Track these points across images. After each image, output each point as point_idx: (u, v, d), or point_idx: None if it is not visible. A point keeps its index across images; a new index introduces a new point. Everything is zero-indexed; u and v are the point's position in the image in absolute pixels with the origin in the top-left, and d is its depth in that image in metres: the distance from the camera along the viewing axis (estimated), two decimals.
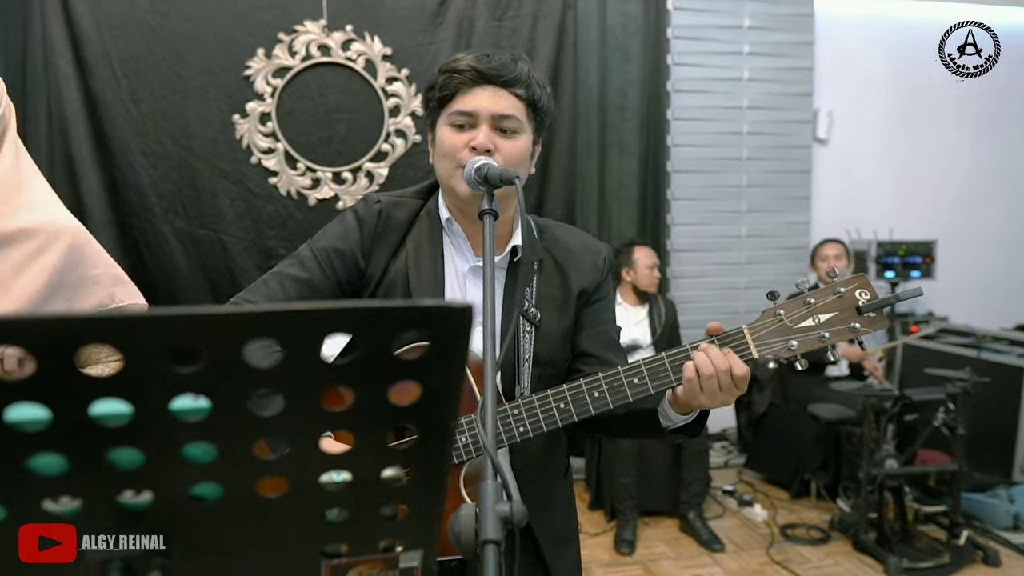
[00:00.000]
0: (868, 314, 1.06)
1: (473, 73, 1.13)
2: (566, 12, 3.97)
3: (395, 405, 0.49)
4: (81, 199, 3.49)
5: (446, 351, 0.46)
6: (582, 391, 1.09)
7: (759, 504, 3.44)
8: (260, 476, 0.51)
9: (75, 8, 3.41)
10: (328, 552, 0.58)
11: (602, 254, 1.29)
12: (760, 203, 4.62)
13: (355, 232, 1.20)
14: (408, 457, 0.53)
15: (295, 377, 0.45)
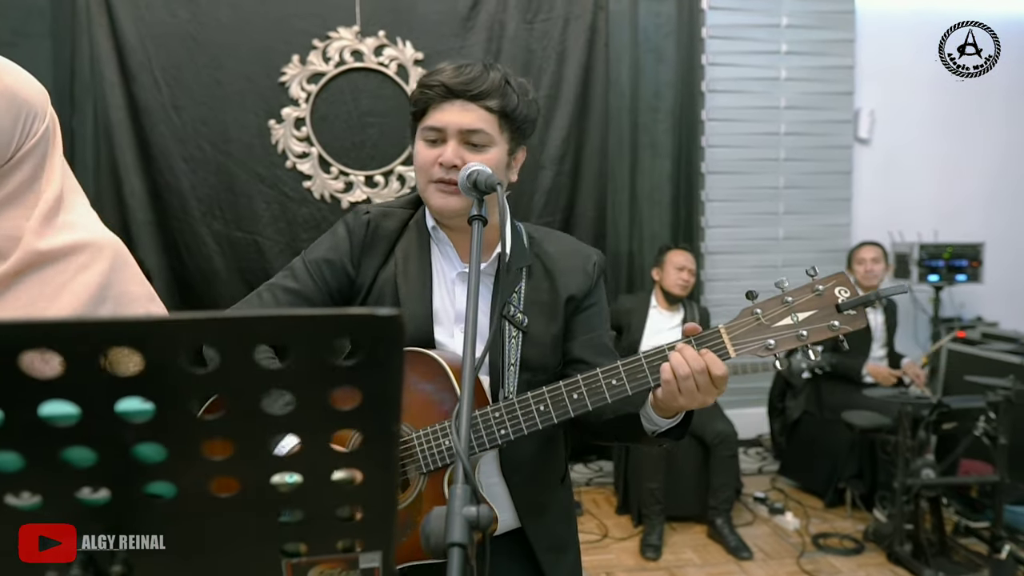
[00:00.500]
0: (848, 312, 1.03)
1: (442, 88, 1.15)
2: (597, 13, 3.96)
3: (337, 410, 0.50)
4: (124, 203, 3.62)
5: (381, 358, 0.47)
6: (561, 393, 1.09)
7: (791, 512, 3.37)
8: (212, 476, 0.53)
9: (120, 19, 3.54)
10: (287, 551, 0.60)
11: (592, 260, 1.29)
12: (798, 205, 4.53)
13: (345, 243, 1.24)
14: (356, 460, 0.54)
15: (233, 381, 0.47)
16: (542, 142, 3.95)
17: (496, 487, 1.24)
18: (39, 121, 1.05)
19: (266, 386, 0.48)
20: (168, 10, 3.59)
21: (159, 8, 3.58)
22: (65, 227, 1.07)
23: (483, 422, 1.11)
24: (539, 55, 3.92)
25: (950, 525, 3.07)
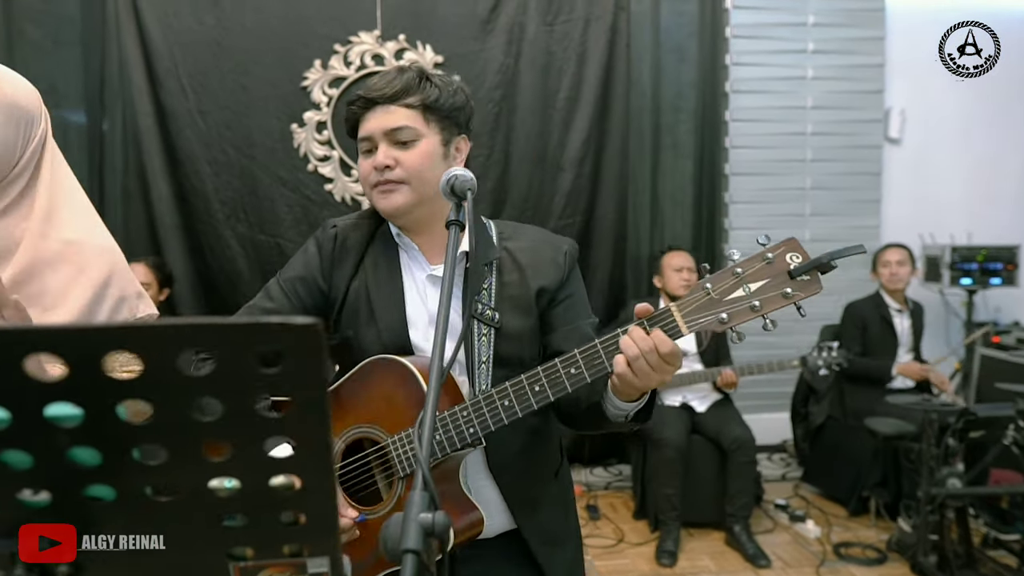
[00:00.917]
0: (800, 277, 1.00)
1: (362, 101, 1.20)
2: (619, 14, 3.94)
3: (267, 417, 0.50)
4: (152, 206, 3.70)
5: (303, 366, 0.48)
6: (523, 386, 1.09)
7: (812, 520, 3.30)
8: (148, 480, 0.53)
9: (147, 26, 3.63)
10: (234, 555, 0.60)
11: (562, 250, 1.29)
12: (825, 206, 4.44)
13: (315, 258, 1.27)
14: (293, 466, 0.54)
15: (159, 387, 0.47)
16: (561, 144, 3.94)
17: (486, 489, 1.24)
18: (36, 125, 1.08)
19: (193, 393, 0.48)
20: (195, 17, 3.67)
21: (186, 15, 3.66)
22: (65, 226, 1.09)
23: (451, 422, 1.12)
24: (559, 57, 3.91)
25: (979, 537, 2.98)
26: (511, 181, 3.92)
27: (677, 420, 3.24)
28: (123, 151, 3.77)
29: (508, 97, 3.89)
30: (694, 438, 3.26)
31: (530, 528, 1.26)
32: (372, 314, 1.24)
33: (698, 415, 3.35)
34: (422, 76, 1.21)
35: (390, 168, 1.18)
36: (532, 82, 3.89)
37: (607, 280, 4.04)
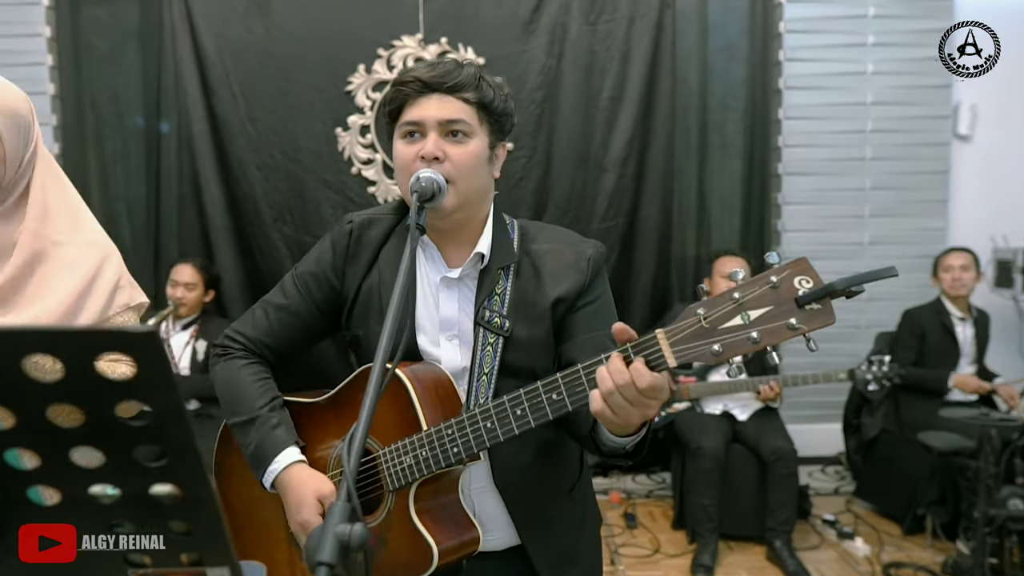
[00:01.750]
0: (809, 306, 0.86)
1: (418, 84, 1.13)
2: (664, 11, 3.85)
3: (129, 425, 0.50)
4: (204, 210, 3.84)
5: (151, 372, 0.47)
6: (505, 409, 1.03)
7: (861, 538, 3.13)
8: (29, 484, 0.53)
9: (201, 35, 3.76)
10: (131, 562, 0.60)
11: (586, 254, 1.21)
12: (886, 207, 4.22)
13: (328, 254, 1.24)
14: (168, 476, 0.53)
15: (11, 392, 0.47)
16: (604, 144, 3.88)
17: (491, 503, 1.19)
18: (31, 130, 1.13)
19: (47, 398, 0.48)
20: (244, 26, 3.78)
21: (237, 24, 3.78)
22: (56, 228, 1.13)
23: (437, 439, 1.08)
24: (602, 56, 3.85)
25: None
26: (553, 182, 3.88)
27: (716, 429, 3.14)
28: (178, 156, 3.92)
29: (550, 98, 3.85)
30: (734, 447, 3.15)
31: (536, 546, 1.20)
32: (382, 314, 1.18)
33: (739, 424, 3.24)
34: (479, 75, 1.16)
35: (438, 160, 1.11)
36: (574, 82, 3.85)
37: (651, 284, 3.96)
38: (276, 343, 1.26)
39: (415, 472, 1.09)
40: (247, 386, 1.21)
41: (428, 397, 1.10)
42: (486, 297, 1.17)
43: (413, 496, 1.11)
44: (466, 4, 3.82)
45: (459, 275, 1.20)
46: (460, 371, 1.19)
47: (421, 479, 1.10)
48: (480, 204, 1.19)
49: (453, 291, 1.21)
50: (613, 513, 3.52)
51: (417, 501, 1.11)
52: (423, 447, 1.08)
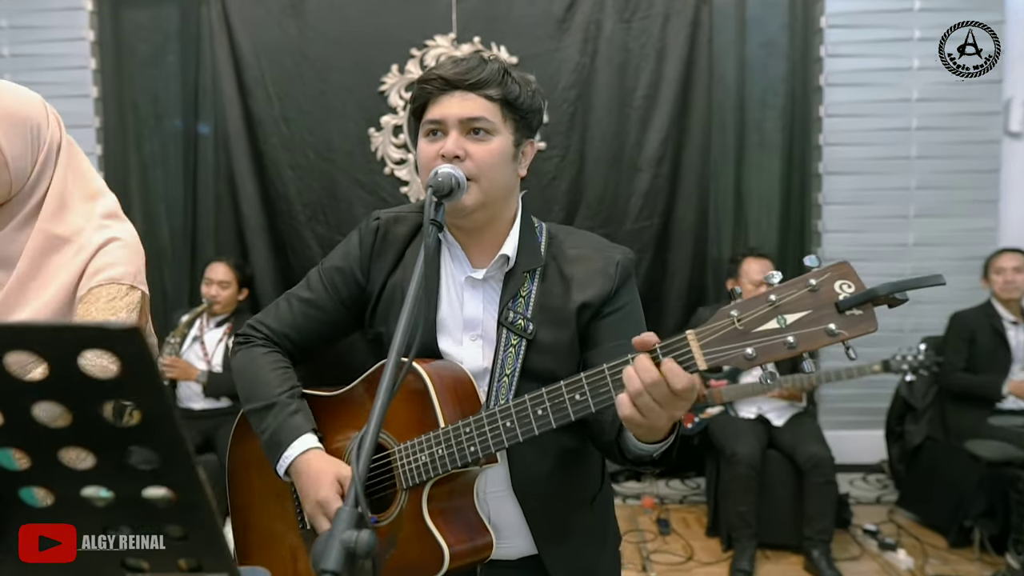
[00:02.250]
0: (850, 312, 0.82)
1: (440, 81, 1.11)
2: (700, 7, 3.78)
3: (117, 426, 0.48)
4: (239, 208, 3.88)
5: (136, 370, 0.44)
6: (526, 408, 1.00)
7: (904, 549, 3.01)
8: (21, 484, 0.52)
9: (238, 37, 3.81)
10: (130, 566, 0.58)
11: (614, 260, 1.17)
12: (932, 207, 4.07)
13: (355, 250, 1.23)
14: (161, 478, 0.51)
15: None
16: (639, 144, 3.82)
17: (508, 509, 1.16)
18: (44, 129, 1.11)
19: (30, 396, 0.46)
20: (280, 28, 3.82)
21: (272, 26, 3.82)
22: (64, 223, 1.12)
23: (454, 437, 1.05)
24: (636, 54, 3.80)
25: None
26: (586, 182, 3.84)
27: (751, 434, 3.05)
28: (215, 156, 3.98)
29: (583, 97, 3.81)
30: (770, 453, 3.06)
31: (554, 558, 1.17)
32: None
33: (774, 429, 3.14)
34: (504, 71, 1.13)
35: (459, 159, 1.09)
36: (608, 80, 3.79)
37: (686, 285, 3.89)
38: (298, 336, 1.25)
39: (430, 470, 1.06)
40: (266, 373, 1.20)
41: (447, 394, 1.08)
42: (510, 298, 1.14)
43: (427, 496, 1.08)
44: (499, 3, 3.79)
45: (483, 276, 1.17)
46: (481, 372, 1.17)
47: (436, 478, 1.07)
48: (504, 203, 1.16)
49: (478, 291, 1.18)
50: (645, 518, 3.46)
51: (431, 501, 1.08)
52: (439, 444, 1.05)
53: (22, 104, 1.09)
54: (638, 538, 3.25)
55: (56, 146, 1.12)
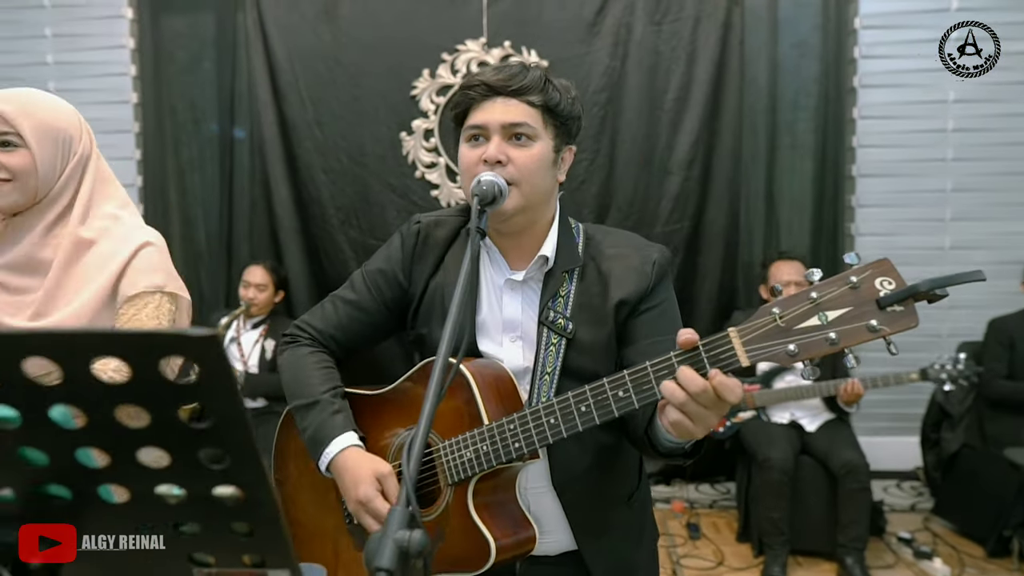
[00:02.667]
0: (891, 308, 0.83)
1: (483, 87, 1.13)
2: (732, 9, 3.76)
3: (192, 427, 0.50)
4: (273, 212, 3.95)
5: (211, 376, 0.47)
6: (570, 405, 1.02)
7: (940, 558, 2.97)
8: (99, 482, 0.55)
9: (273, 43, 3.88)
10: (196, 561, 0.61)
11: (651, 259, 1.19)
12: (969, 210, 4.00)
13: (397, 253, 1.25)
14: (230, 477, 0.54)
15: (80, 392, 0.48)
16: (669, 146, 3.81)
17: (548, 505, 1.19)
18: (75, 142, 1.17)
19: (114, 399, 0.49)
20: (314, 33, 3.88)
21: (307, 32, 3.88)
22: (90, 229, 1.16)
23: (499, 434, 1.07)
24: (667, 57, 3.79)
25: None
26: (616, 185, 3.84)
27: (784, 439, 3.03)
28: (250, 160, 4.05)
29: (614, 100, 3.81)
30: (803, 459, 3.03)
31: (593, 553, 1.19)
32: (445, 314, 1.20)
33: (807, 435, 3.12)
34: (546, 78, 1.16)
35: (501, 164, 1.11)
36: (639, 84, 3.79)
37: (716, 288, 3.87)
38: (343, 337, 1.28)
39: (475, 466, 1.09)
40: (311, 372, 1.24)
41: (489, 392, 1.10)
42: (550, 298, 1.16)
43: (472, 491, 1.11)
44: (529, 7, 3.81)
45: (523, 277, 1.19)
46: (522, 371, 1.19)
47: (481, 474, 1.10)
48: (543, 207, 1.18)
49: (517, 293, 1.20)
50: (675, 523, 3.45)
51: (476, 496, 1.11)
52: (484, 441, 1.08)
53: (58, 115, 1.14)
54: (668, 542, 3.24)
55: (86, 158, 1.17)
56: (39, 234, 1.15)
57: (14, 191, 1.12)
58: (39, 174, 1.12)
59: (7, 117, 1.12)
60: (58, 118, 1.15)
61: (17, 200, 1.13)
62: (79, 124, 1.19)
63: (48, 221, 1.15)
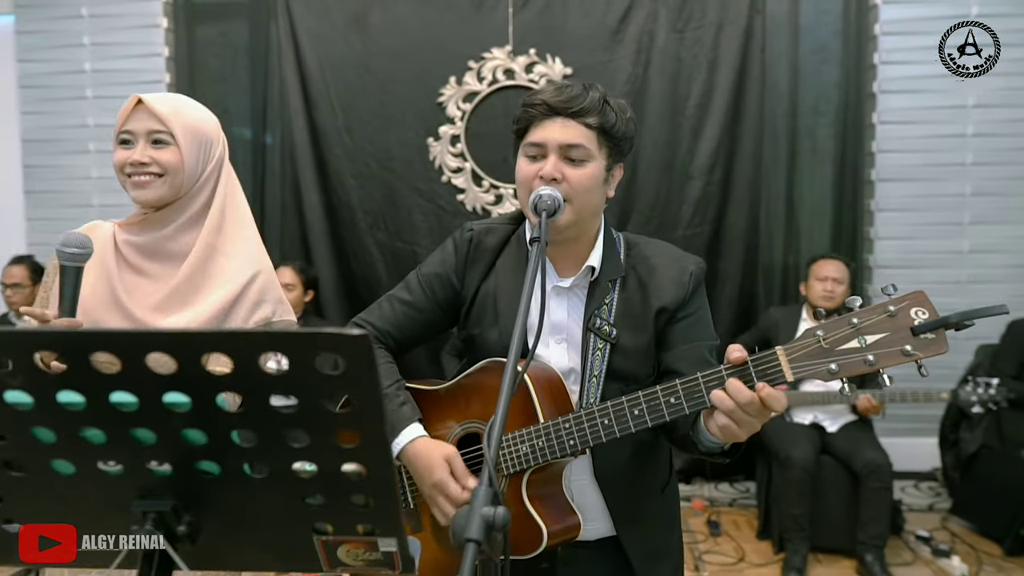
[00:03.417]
0: (924, 336, 0.95)
1: (544, 107, 1.21)
2: (753, 17, 3.83)
3: (334, 412, 0.60)
4: (303, 216, 4.06)
5: (358, 370, 0.56)
6: (623, 408, 1.11)
7: (958, 556, 3.03)
8: (245, 459, 0.64)
9: (304, 51, 3.99)
10: (318, 530, 0.70)
11: (688, 270, 1.28)
12: (988, 214, 4.05)
13: (451, 257, 1.35)
14: (358, 456, 0.63)
15: (246, 382, 0.58)
16: (690, 152, 3.89)
17: (590, 494, 1.28)
18: (215, 146, 1.30)
19: (271, 388, 0.58)
20: (345, 42, 3.99)
21: (337, 40, 3.99)
22: (226, 242, 1.29)
23: (554, 432, 1.16)
24: (689, 64, 3.87)
25: None
26: (638, 190, 3.92)
27: (806, 439, 3.10)
28: (281, 165, 4.17)
29: (636, 106, 3.88)
30: (824, 459, 3.10)
31: (631, 539, 1.29)
32: (496, 316, 1.30)
33: (828, 435, 3.19)
34: (604, 99, 1.22)
35: (556, 181, 1.19)
36: (661, 90, 3.87)
37: (737, 292, 3.94)
38: (399, 334, 1.38)
39: (530, 460, 1.18)
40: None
41: (544, 394, 1.19)
42: (596, 307, 1.25)
43: (526, 482, 1.20)
44: (554, 15, 3.90)
45: (570, 285, 1.28)
46: (566, 371, 1.28)
47: (535, 467, 1.19)
48: (592, 220, 1.27)
49: (563, 299, 1.29)
50: (696, 520, 3.52)
51: (529, 487, 1.20)
52: (539, 438, 1.17)
53: (202, 121, 1.27)
54: (690, 539, 3.32)
55: (220, 162, 1.29)
56: (174, 229, 1.27)
57: (163, 185, 1.25)
58: (185, 171, 1.24)
59: (162, 117, 1.24)
60: (204, 122, 1.28)
61: (164, 194, 1.26)
62: (218, 130, 1.31)
63: (185, 218, 1.27)
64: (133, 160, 1.25)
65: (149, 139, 1.26)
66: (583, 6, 3.89)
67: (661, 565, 1.33)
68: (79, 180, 4.42)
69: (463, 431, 1.30)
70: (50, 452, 0.64)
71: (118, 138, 1.29)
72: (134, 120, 1.27)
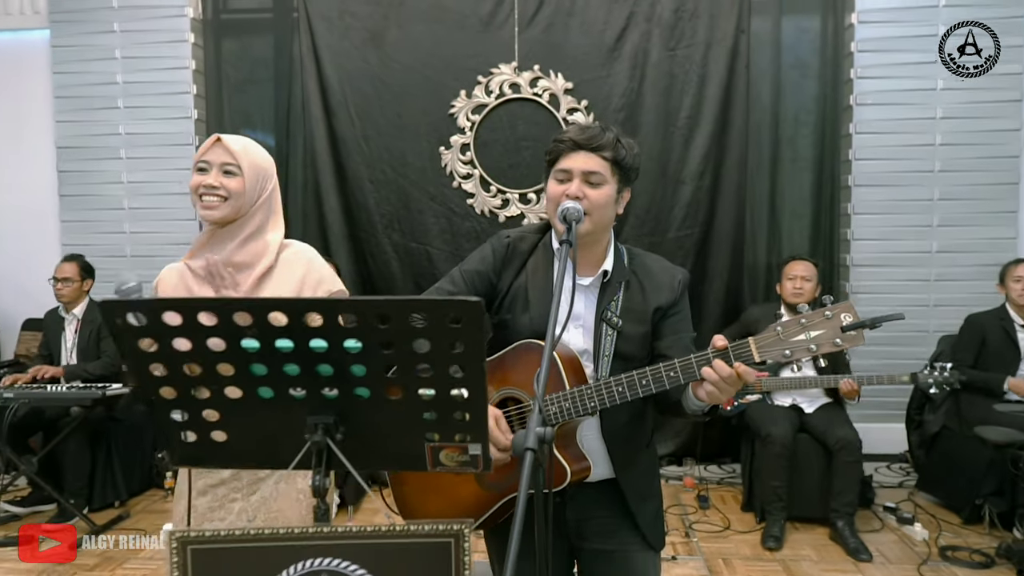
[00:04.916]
0: (849, 332, 1.34)
1: (571, 143, 1.56)
2: (739, 36, 4.18)
3: (452, 353, 0.93)
4: (324, 218, 4.38)
5: (470, 325, 0.89)
6: (634, 380, 1.46)
7: (920, 523, 3.38)
8: (388, 387, 0.97)
9: (325, 65, 4.32)
10: (428, 438, 1.04)
11: (677, 278, 1.65)
12: (955, 217, 4.41)
13: (490, 258, 1.68)
14: (463, 383, 0.96)
15: (393, 334, 0.91)
16: (682, 160, 4.24)
17: (596, 445, 1.62)
18: (268, 182, 1.63)
19: (412, 337, 0.91)
20: (362, 57, 4.32)
21: (355, 56, 4.32)
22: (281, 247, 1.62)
23: (578, 396, 1.50)
24: (680, 79, 4.21)
25: None
26: (634, 194, 4.11)
27: (785, 419, 3.45)
28: (303, 171, 4.49)
29: (632, 118, 4.23)
30: (801, 437, 3.45)
31: (626, 481, 1.63)
32: (527, 305, 1.63)
33: (806, 415, 3.54)
34: (617, 139, 1.55)
35: (579, 198, 1.52)
36: (655, 103, 4.22)
37: (724, 289, 4.29)
38: None
39: (559, 417, 1.51)
40: None
41: (568, 367, 1.53)
42: (608, 302, 1.59)
43: (556, 434, 1.53)
44: (557, 34, 4.24)
45: (588, 283, 1.62)
46: (581, 351, 1.62)
47: (561, 423, 1.52)
48: (605, 231, 1.61)
49: (581, 294, 1.63)
50: (687, 495, 3.87)
51: (556, 439, 1.53)
52: (566, 400, 1.50)
53: (263, 159, 1.62)
54: (681, 511, 3.66)
55: (271, 191, 1.62)
56: (238, 243, 1.59)
57: (228, 206, 1.57)
58: (245, 197, 1.56)
59: (234, 153, 1.57)
60: (264, 160, 1.61)
61: (227, 214, 1.58)
62: (272, 169, 1.64)
63: (245, 234, 1.59)
64: (207, 183, 1.56)
65: (221, 169, 1.57)
66: (583, 26, 4.23)
67: (648, 504, 1.68)
68: (111, 185, 4.73)
69: (500, 396, 1.63)
70: (259, 382, 0.97)
71: (196, 166, 1.60)
72: (211, 153, 1.59)
